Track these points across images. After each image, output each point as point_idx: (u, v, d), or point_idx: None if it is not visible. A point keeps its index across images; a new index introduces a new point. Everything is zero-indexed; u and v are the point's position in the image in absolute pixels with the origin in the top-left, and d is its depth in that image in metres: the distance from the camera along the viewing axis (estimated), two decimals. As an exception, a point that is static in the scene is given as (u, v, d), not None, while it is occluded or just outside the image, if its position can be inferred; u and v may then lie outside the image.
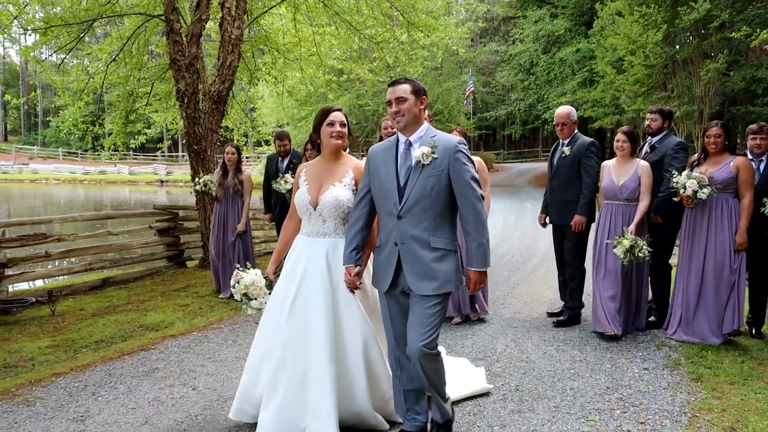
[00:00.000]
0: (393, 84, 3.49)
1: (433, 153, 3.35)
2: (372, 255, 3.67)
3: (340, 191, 3.70)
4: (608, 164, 5.90)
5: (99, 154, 61.74)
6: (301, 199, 3.78)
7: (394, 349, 3.58)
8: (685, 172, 5.41)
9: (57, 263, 8.58)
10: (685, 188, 5.35)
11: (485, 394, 4.33)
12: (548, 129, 36.12)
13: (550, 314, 6.55)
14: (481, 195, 3.40)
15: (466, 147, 3.45)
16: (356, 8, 12.12)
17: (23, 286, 8.21)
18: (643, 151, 6.17)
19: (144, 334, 6.26)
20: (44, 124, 71.54)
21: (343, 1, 11.93)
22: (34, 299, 6.84)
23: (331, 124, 3.72)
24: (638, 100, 17.97)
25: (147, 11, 10.44)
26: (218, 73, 9.87)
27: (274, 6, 11.01)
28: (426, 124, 3.53)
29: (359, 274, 3.60)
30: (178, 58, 9.36)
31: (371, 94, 27.36)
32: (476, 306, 6.35)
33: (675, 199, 5.52)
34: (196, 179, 8.44)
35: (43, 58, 10.43)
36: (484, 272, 3.42)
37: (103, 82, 10.54)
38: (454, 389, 3.97)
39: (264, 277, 3.83)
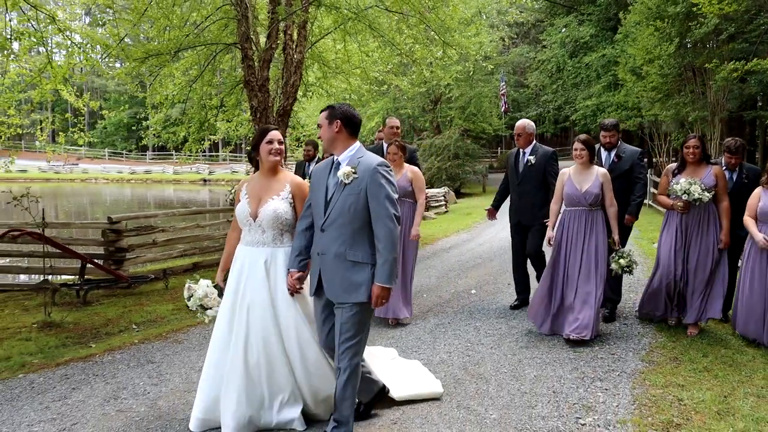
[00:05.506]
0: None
1: (354, 173, 3.59)
2: None
3: (279, 204, 3.93)
4: (568, 172, 6.10)
5: (144, 154, 64.68)
6: (241, 211, 4.00)
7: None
8: (682, 180, 5.89)
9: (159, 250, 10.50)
10: (688, 194, 5.78)
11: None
12: (578, 129, 37.52)
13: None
14: (395, 215, 3.57)
15: (388, 168, 3.64)
16: (397, 29, 13.76)
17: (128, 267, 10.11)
18: (609, 161, 6.65)
19: (241, 302, 8.07)
20: (90, 126, 74.94)
21: (385, 24, 13.59)
22: (152, 276, 8.74)
23: (270, 142, 3.98)
24: (656, 105, 19.35)
25: (219, 40, 12.28)
26: (283, 91, 11.67)
27: (329, 33, 12.76)
28: (357, 144, 3.74)
29: (300, 279, 3.88)
30: (251, 80, 11.16)
31: (407, 98, 29.06)
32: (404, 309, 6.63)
33: (679, 204, 5.93)
34: (230, 189, 9.66)
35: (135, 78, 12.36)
36: (388, 288, 3.56)
37: (186, 100, 12.43)
38: (402, 388, 4.44)
39: (214, 287, 4.10)
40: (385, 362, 4.88)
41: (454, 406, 4.37)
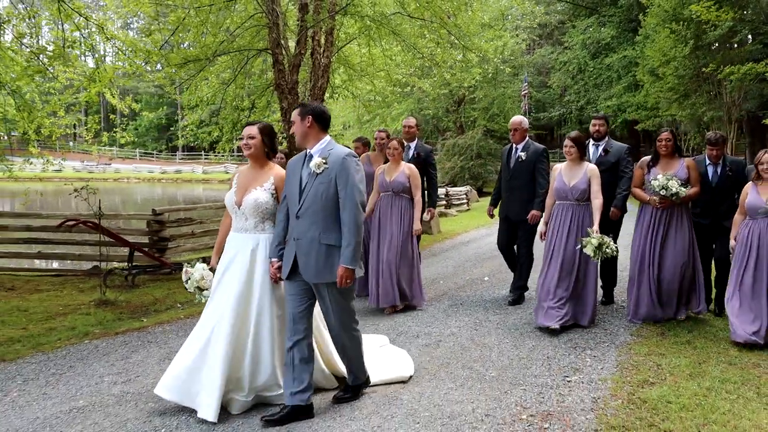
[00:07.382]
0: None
1: (325, 163, 3.89)
2: None
3: (260, 194, 4.18)
4: (559, 167, 6.31)
5: (174, 155, 66.19)
6: (229, 199, 4.30)
7: (289, 328, 4.01)
8: (660, 176, 6.05)
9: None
10: (666, 189, 5.93)
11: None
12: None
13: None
14: (360, 202, 3.89)
15: (356, 159, 3.97)
16: (420, 34, 14.45)
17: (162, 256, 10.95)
18: (597, 155, 6.87)
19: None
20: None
21: (408, 29, 14.28)
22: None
23: (241, 138, 4.31)
24: (673, 106, 19.78)
25: (251, 46, 13.09)
26: (311, 93, 12.43)
27: (355, 38, 13.52)
28: (328, 138, 4.05)
29: (281, 268, 4.08)
30: (282, 83, 11.94)
31: (431, 99, 29.75)
32: (411, 298, 7.00)
33: (656, 200, 6.07)
34: None
35: (173, 81, 13.24)
36: (352, 270, 3.86)
37: (221, 102, 13.30)
38: (382, 373, 4.71)
39: (210, 269, 4.39)
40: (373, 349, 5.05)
41: (460, 366, 5.07)
